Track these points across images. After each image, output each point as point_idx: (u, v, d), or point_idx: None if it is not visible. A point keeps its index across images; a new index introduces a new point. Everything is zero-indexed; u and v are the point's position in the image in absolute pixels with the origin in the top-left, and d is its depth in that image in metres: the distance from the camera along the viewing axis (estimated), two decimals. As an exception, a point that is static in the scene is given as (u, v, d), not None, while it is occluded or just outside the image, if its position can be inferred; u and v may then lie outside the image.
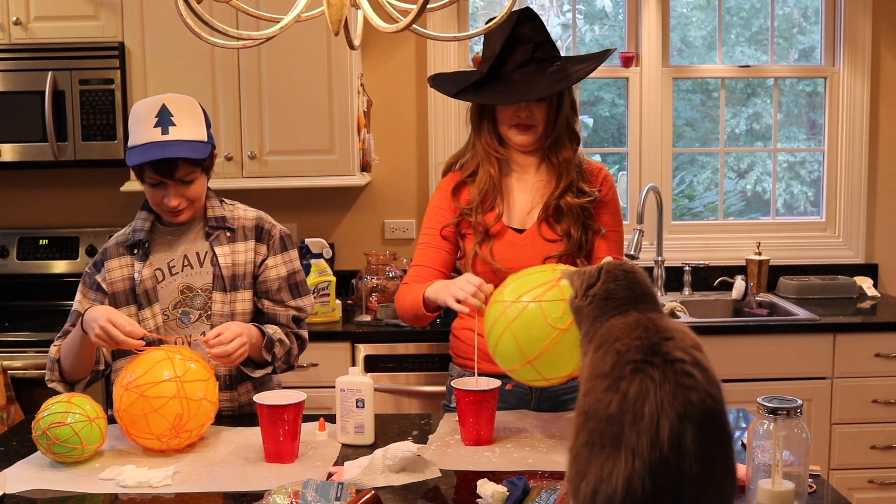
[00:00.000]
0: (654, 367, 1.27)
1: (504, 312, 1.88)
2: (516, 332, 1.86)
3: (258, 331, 2.19)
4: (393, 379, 3.21)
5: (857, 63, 3.83)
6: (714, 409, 1.27)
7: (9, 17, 3.39)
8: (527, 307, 1.85)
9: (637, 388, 1.25)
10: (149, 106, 2.15)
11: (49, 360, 2.22)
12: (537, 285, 1.87)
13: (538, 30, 2.27)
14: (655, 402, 1.23)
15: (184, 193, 2.18)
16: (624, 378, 1.27)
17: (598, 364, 1.33)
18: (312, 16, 1.57)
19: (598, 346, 1.38)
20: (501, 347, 1.90)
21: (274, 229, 2.32)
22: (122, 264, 2.24)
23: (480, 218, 2.30)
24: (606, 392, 1.27)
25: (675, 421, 1.23)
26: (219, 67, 3.39)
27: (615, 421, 1.25)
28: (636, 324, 1.37)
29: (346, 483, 1.69)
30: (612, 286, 1.46)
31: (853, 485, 3.29)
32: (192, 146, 2.14)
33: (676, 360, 1.28)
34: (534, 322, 1.84)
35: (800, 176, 4.14)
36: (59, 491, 1.79)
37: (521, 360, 1.87)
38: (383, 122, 3.81)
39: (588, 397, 1.31)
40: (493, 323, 1.91)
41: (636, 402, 1.24)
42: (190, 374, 1.96)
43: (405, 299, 2.30)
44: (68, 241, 3.72)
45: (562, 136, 2.31)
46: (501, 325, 1.88)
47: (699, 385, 1.27)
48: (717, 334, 3.26)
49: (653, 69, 3.86)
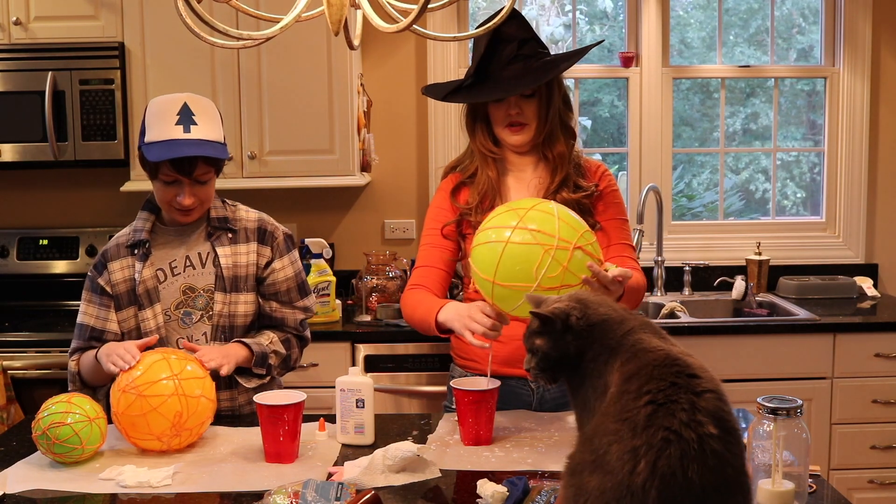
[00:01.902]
0: (686, 441, 1.25)
1: (513, 229, 1.86)
2: (507, 253, 1.85)
3: (246, 351, 2.18)
4: (393, 379, 3.21)
5: (857, 63, 3.83)
6: (739, 483, 1.27)
7: (9, 17, 3.39)
8: (534, 246, 1.84)
9: (666, 464, 1.23)
10: (169, 103, 2.15)
11: (70, 374, 2.24)
12: (552, 234, 1.86)
13: (522, 27, 2.27)
14: (682, 485, 1.23)
15: (197, 193, 2.18)
16: (654, 447, 1.24)
17: (628, 404, 1.30)
18: (312, 16, 1.57)
19: (626, 375, 1.36)
20: (484, 250, 1.90)
21: (277, 231, 2.32)
22: (124, 265, 2.24)
23: (480, 218, 2.30)
24: (632, 454, 1.25)
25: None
26: (219, 67, 3.39)
27: (637, 496, 1.23)
28: (665, 362, 1.35)
29: (346, 483, 1.69)
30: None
31: (853, 485, 3.29)
32: (214, 146, 2.16)
33: (707, 434, 1.26)
34: (526, 261, 1.83)
35: (795, 177, 4.14)
36: (59, 491, 1.79)
37: (489, 274, 1.87)
38: (383, 122, 3.81)
39: (609, 444, 1.28)
40: (493, 225, 1.91)
41: (663, 480, 1.22)
42: (186, 373, 1.97)
43: (415, 312, 2.26)
44: (68, 241, 3.72)
45: (555, 130, 2.31)
46: (501, 235, 1.88)
47: (729, 460, 1.26)
48: (717, 334, 3.26)
49: (653, 69, 3.86)
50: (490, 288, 1.90)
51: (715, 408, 1.29)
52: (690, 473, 1.23)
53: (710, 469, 1.24)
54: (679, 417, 1.26)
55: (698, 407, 1.27)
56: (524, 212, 1.91)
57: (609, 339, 1.45)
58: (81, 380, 2.22)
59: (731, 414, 1.31)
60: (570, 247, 1.85)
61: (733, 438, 1.29)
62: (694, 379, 1.32)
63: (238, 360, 2.16)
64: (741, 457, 1.29)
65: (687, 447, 1.24)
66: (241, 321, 2.26)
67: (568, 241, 1.85)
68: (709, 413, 1.27)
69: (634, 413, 1.28)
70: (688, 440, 1.24)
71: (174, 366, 1.97)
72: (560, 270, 1.83)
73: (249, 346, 2.19)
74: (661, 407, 1.27)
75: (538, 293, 1.76)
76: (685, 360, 1.37)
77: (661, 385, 1.30)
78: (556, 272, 1.83)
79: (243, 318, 2.26)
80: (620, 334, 1.45)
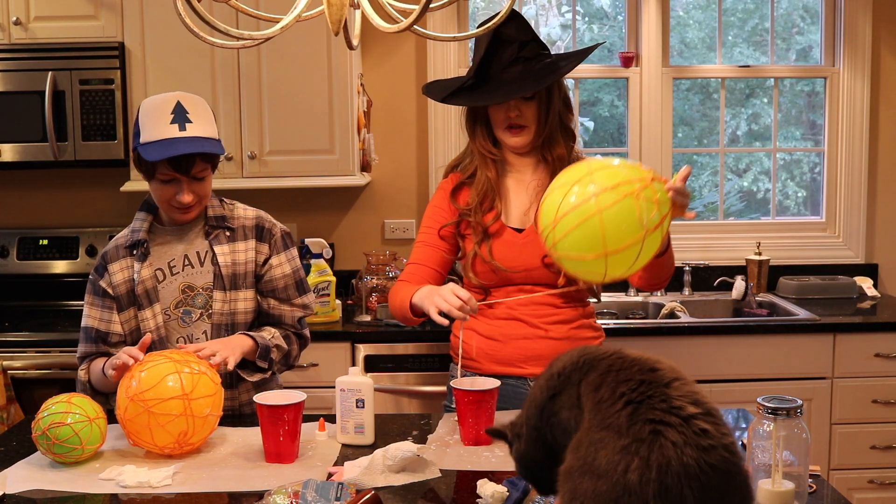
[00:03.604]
0: (672, 427, 1.25)
1: (596, 196, 1.77)
2: (606, 220, 1.75)
3: (251, 341, 2.19)
4: (393, 379, 3.21)
5: (857, 63, 3.83)
6: (735, 464, 1.26)
7: (9, 17, 3.39)
8: (624, 199, 1.76)
9: (659, 454, 1.22)
10: (162, 102, 2.15)
11: (79, 383, 2.24)
12: (630, 180, 1.79)
13: (522, 29, 2.27)
14: (679, 471, 1.22)
15: (196, 190, 2.18)
16: (644, 441, 1.24)
17: (606, 411, 1.30)
18: (312, 16, 1.56)
19: (593, 386, 1.36)
20: (579, 234, 1.79)
21: (274, 228, 2.32)
22: (124, 266, 2.24)
23: (479, 218, 2.31)
24: (623, 453, 1.24)
25: (699, 490, 1.22)
26: (219, 67, 3.39)
27: (635, 493, 1.22)
28: (624, 364, 1.36)
29: (346, 483, 1.69)
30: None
31: (853, 485, 3.29)
32: (210, 143, 2.16)
33: (692, 416, 1.26)
34: (627, 215, 1.76)
35: (795, 176, 4.14)
36: (59, 491, 1.79)
37: (599, 250, 1.78)
38: (383, 122, 3.81)
39: (596, 450, 1.28)
40: (572, 207, 1.79)
41: (660, 471, 1.22)
42: (197, 391, 1.92)
43: (395, 298, 2.32)
44: (68, 241, 3.72)
45: (555, 133, 2.31)
46: (588, 209, 1.77)
47: (716, 440, 1.25)
48: (717, 334, 3.26)
49: (653, 69, 3.86)
50: (604, 263, 1.81)
51: (688, 392, 1.30)
52: (686, 459, 1.22)
53: (703, 449, 1.24)
54: (659, 408, 1.27)
55: (673, 395, 1.29)
56: (588, 178, 1.82)
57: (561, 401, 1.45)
58: (92, 388, 2.22)
59: (705, 396, 1.32)
60: (648, 180, 1.80)
61: (716, 418, 1.29)
62: (657, 373, 1.34)
63: (244, 351, 2.16)
64: (731, 435, 1.29)
65: (676, 433, 1.24)
66: (242, 319, 2.26)
67: (642, 177, 1.81)
68: (684, 397, 1.29)
69: (615, 418, 1.29)
70: (674, 425, 1.25)
71: (186, 383, 1.92)
72: (655, 207, 1.79)
73: (253, 337, 2.20)
74: (640, 404, 1.28)
75: (649, 237, 1.77)
76: (639, 357, 1.38)
77: (632, 385, 1.31)
78: (653, 210, 1.79)
79: (243, 316, 2.26)
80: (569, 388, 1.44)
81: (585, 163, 1.90)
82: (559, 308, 2.31)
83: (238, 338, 2.19)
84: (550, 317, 2.30)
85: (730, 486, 1.25)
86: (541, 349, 2.27)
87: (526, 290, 2.28)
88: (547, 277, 2.28)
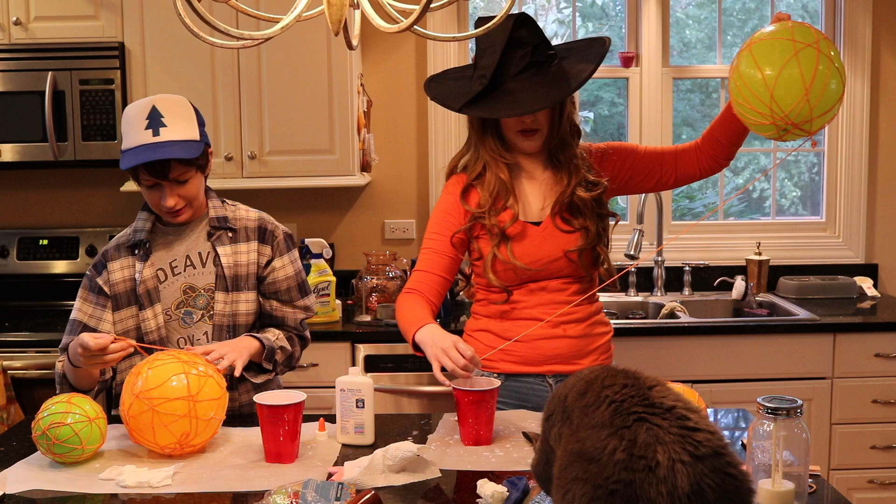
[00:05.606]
0: (657, 415, 1.26)
1: (817, 48, 1.95)
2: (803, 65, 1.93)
3: (257, 343, 2.20)
4: (393, 379, 3.21)
5: (857, 63, 3.83)
6: (722, 446, 1.26)
7: (9, 17, 3.39)
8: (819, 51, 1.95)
9: (645, 435, 1.23)
10: (139, 108, 2.15)
11: (57, 376, 2.23)
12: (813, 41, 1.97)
13: (534, 32, 2.26)
14: (668, 449, 1.22)
15: (180, 193, 2.17)
16: (629, 427, 1.25)
17: (591, 412, 1.32)
18: (312, 16, 1.57)
19: (578, 393, 1.38)
20: (788, 76, 1.95)
21: (277, 230, 2.32)
22: (124, 265, 2.24)
23: (495, 220, 2.28)
24: (609, 438, 1.26)
25: (690, 465, 1.22)
26: (219, 67, 3.39)
27: (625, 468, 1.22)
28: (607, 373, 1.39)
29: (346, 483, 1.69)
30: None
31: (853, 485, 3.29)
32: (184, 146, 2.13)
33: (674, 407, 1.28)
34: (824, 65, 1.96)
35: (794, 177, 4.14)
36: (59, 491, 1.79)
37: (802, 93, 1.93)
38: (383, 122, 3.81)
39: (582, 443, 1.29)
40: (786, 59, 1.95)
41: (647, 448, 1.23)
42: (203, 393, 1.92)
43: (401, 321, 2.24)
44: (68, 241, 3.72)
45: (566, 135, 2.31)
46: (806, 59, 1.94)
47: (701, 425, 1.26)
48: (716, 334, 3.26)
49: (653, 69, 3.86)
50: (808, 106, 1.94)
51: (669, 394, 1.32)
52: (672, 436, 1.23)
53: (689, 429, 1.24)
54: (642, 404, 1.28)
55: (654, 396, 1.30)
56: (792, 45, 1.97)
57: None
58: (68, 383, 2.20)
59: (688, 399, 1.34)
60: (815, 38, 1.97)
61: (699, 413, 1.30)
62: (640, 379, 1.35)
63: (251, 353, 2.16)
64: (713, 425, 1.29)
65: (660, 419, 1.25)
66: (243, 320, 2.26)
67: (814, 35, 1.98)
68: (666, 397, 1.30)
69: (600, 417, 1.30)
70: (658, 414, 1.26)
71: (192, 385, 1.92)
72: (828, 56, 1.95)
73: (260, 339, 2.20)
74: (623, 403, 1.30)
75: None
76: (624, 368, 1.40)
77: (616, 388, 1.33)
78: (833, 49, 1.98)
79: (245, 318, 2.26)
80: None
81: (771, 34, 2.02)
82: (575, 307, 2.30)
83: (245, 340, 2.19)
84: (567, 315, 2.29)
85: (720, 462, 1.25)
86: (560, 348, 2.27)
87: (547, 285, 2.28)
88: (567, 269, 2.27)
